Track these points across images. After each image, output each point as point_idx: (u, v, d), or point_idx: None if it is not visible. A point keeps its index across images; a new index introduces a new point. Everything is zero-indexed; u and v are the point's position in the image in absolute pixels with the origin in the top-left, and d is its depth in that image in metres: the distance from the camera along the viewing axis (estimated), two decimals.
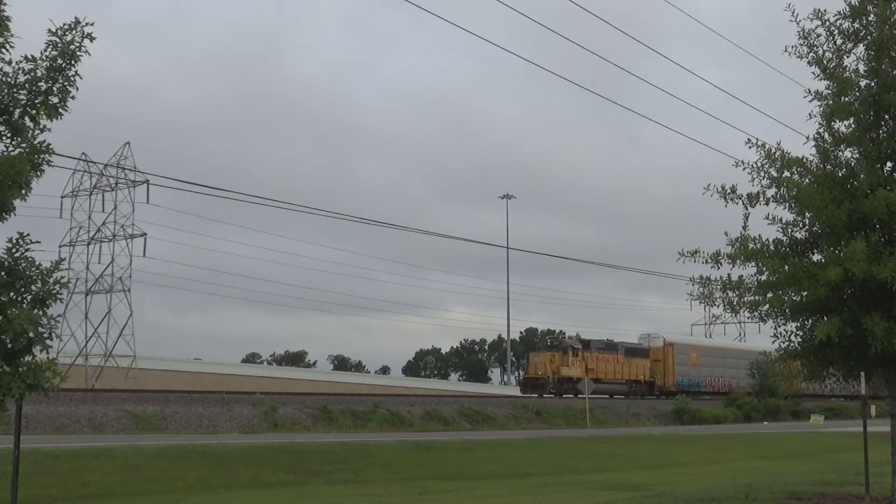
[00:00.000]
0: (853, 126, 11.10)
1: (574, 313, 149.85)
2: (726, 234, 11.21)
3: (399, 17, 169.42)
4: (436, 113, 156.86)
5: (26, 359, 8.00)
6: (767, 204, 11.26)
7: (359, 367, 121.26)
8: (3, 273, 7.92)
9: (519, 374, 55.61)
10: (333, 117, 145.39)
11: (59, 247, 56.06)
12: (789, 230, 11.30)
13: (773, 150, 11.13)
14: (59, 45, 8.19)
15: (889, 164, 11.01)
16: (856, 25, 11.13)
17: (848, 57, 11.25)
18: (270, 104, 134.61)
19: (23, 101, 8.18)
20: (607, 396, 52.27)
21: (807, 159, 11.15)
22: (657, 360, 58.54)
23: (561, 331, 76.44)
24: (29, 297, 8.04)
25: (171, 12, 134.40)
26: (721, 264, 11.24)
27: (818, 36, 11.24)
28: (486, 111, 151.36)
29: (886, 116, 10.98)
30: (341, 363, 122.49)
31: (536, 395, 48.82)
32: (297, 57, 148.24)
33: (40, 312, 7.97)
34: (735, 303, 11.34)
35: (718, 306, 11.72)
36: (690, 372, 60.27)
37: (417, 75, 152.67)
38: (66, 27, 8.24)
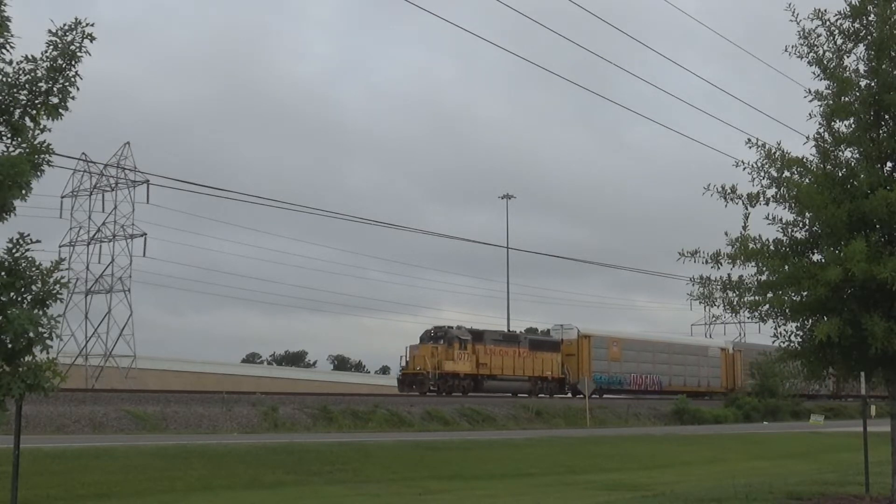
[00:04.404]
0: (853, 126, 11.10)
1: (569, 313, 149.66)
2: (726, 234, 11.23)
3: (387, 17, 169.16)
4: (424, 113, 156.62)
5: (26, 359, 8.00)
6: (767, 204, 11.26)
7: (359, 367, 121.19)
8: (3, 273, 7.93)
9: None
10: (323, 118, 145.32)
11: (59, 247, 56.04)
12: (789, 230, 11.30)
13: (773, 150, 11.13)
14: (60, 45, 8.20)
15: (889, 164, 11.02)
16: (856, 25, 11.14)
17: (848, 57, 11.27)
18: (258, 105, 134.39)
19: (23, 102, 8.18)
20: (510, 395, 47.35)
21: (807, 159, 11.16)
22: (570, 354, 52.27)
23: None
24: (29, 297, 8.04)
25: (155, 13, 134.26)
26: (721, 264, 11.24)
27: (818, 36, 11.25)
28: (474, 112, 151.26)
29: (886, 116, 10.99)
30: (341, 363, 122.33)
31: (417, 394, 43.32)
32: (286, 58, 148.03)
33: (40, 312, 7.98)
34: (735, 303, 11.34)
35: (718, 306, 11.70)
36: (611, 368, 53.97)
37: (405, 75, 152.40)
38: (66, 27, 8.25)
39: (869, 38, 11.01)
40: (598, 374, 52.18)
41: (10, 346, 7.80)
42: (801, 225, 11.24)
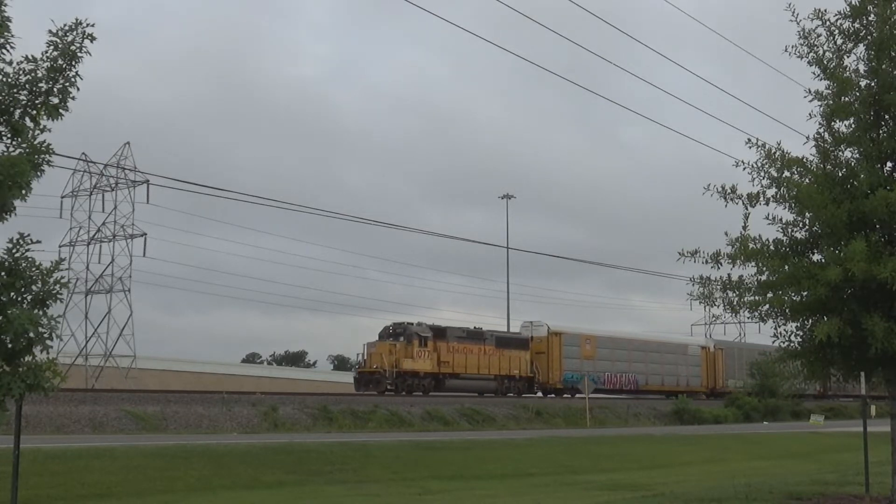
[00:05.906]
0: (853, 126, 11.11)
1: (567, 313, 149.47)
2: (726, 234, 11.23)
3: (382, 17, 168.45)
4: (421, 113, 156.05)
5: (26, 359, 8.01)
6: (767, 204, 11.27)
7: None
8: (3, 273, 7.93)
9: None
10: (320, 119, 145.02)
11: (59, 247, 56.01)
12: (789, 230, 11.30)
13: (773, 150, 11.14)
14: (60, 45, 8.21)
15: (889, 164, 11.02)
16: (856, 25, 11.14)
17: (848, 57, 11.27)
18: (256, 106, 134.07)
19: (23, 102, 8.19)
20: (476, 395, 45.51)
21: (807, 159, 11.16)
22: (540, 353, 50.54)
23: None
24: (29, 297, 8.05)
25: (152, 14, 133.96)
26: (721, 264, 11.25)
27: (818, 36, 11.26)
28: (471, 112, 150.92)
29: (886, 116, 10.99)
30: (341, 363, 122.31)
31: (375, 393, 41.29)
32: (283, 59, 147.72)
33: (40, 312, 7.99)
34: (735, 303, 11.34)
35: (718, 306, 11.71)
36: (584, 366, 51.01)
37: (401, 76, 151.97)
38: (66, 28, 8.26)
39: (869, 38, 11.01)
40: (570, 373, 50.78)
41: (10, 346, 7.81)
42: (801, 225, 11.25)
